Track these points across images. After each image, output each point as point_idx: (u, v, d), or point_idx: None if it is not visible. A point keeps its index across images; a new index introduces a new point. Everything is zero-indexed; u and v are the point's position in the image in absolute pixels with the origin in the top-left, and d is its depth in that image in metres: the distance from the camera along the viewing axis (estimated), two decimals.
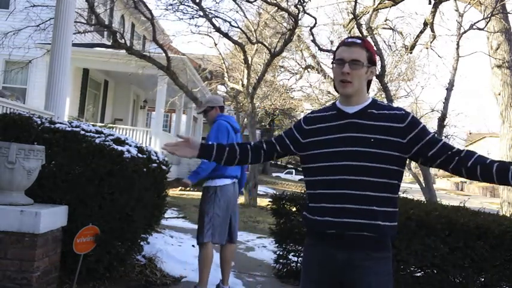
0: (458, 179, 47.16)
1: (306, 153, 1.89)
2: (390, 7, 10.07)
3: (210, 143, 1.97)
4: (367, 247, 1.76)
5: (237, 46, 13.29)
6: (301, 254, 4.61)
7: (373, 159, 1.75)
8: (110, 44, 13.46)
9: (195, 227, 4.12)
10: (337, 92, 1.89)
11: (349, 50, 1.82)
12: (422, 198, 7.07)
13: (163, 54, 10.81)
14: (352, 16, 9.44)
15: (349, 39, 1.88)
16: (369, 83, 1.91)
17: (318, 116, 1.93)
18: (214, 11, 12.00)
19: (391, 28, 12.24)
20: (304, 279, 1.90)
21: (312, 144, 1.87)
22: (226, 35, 11.93)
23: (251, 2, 11.83)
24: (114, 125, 13.36)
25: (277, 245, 4.82)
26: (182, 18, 16.98)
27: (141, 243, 4.02)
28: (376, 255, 1.77)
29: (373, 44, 1.93)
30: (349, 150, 1.78)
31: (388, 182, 1.78)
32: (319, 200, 1.82)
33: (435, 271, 4.07)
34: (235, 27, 12.65)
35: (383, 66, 8.88)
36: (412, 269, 4.14)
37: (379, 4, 9.30)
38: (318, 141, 1.86)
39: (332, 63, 1.89)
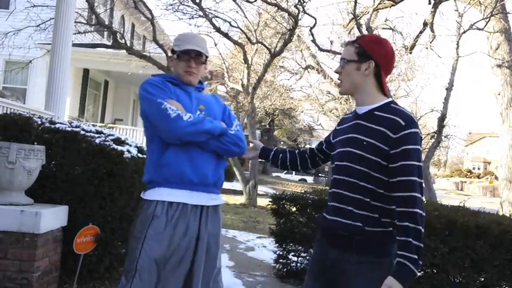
0: (458, 179, 47.04)
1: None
2: (390, 7, 10.08)
3: (269, 147, 2.29)
4: (356, 250, 1.73)
5: (237, 46, 13.29)
6: (301, 254, 4.64)
7: (360, 161, 1.74)
8: (110, 44, 13.46)
9: None
10: None
11: (342, 51, 1.89)
12: (422, 198, 7.06)
13: (164, 54, 10.82)
14: (352, 16, 9.44)
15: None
16: (378, 79, 1.78)
17: (345, 117, 2.00)
18: (214, 11, 12.00)
19: (391, 28, 12.26)
20: (308, 270, 1.97)
21: (335, 144, 1.96)
22: (226, 35, 11.93)
23: (251, 2, 11.83)
24: (114, 125, 13.36)
25: (277, 245, 4.81)
26: (182, 18, 16.99)
27: None
28: (367, 259, 1.72)
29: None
30: (344, 151, 1.82)
31: (369, 187, 1.72)
32: (328, 199, 1.92)
33: (435, 271, 4.07)
34: (235, 27, 12.67)
35: None
36: None
37: (379, 4, 9.30)
38: (336, 142, 1.94)
39: None
